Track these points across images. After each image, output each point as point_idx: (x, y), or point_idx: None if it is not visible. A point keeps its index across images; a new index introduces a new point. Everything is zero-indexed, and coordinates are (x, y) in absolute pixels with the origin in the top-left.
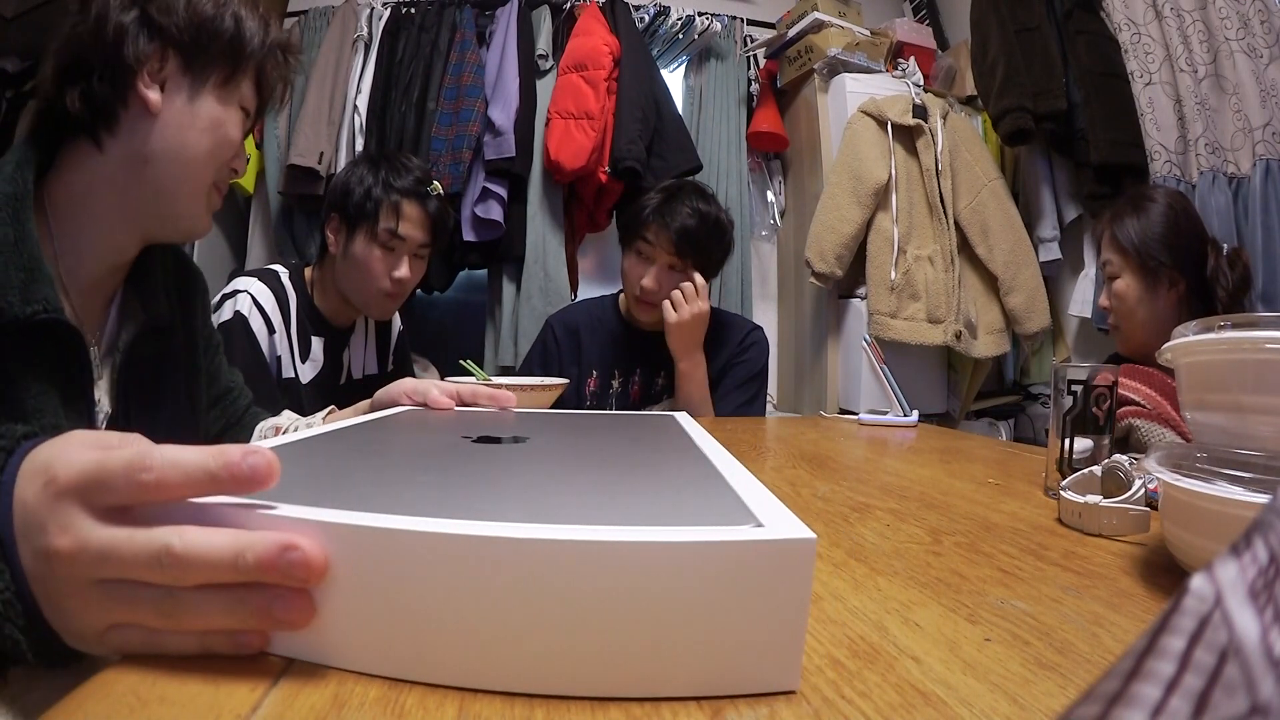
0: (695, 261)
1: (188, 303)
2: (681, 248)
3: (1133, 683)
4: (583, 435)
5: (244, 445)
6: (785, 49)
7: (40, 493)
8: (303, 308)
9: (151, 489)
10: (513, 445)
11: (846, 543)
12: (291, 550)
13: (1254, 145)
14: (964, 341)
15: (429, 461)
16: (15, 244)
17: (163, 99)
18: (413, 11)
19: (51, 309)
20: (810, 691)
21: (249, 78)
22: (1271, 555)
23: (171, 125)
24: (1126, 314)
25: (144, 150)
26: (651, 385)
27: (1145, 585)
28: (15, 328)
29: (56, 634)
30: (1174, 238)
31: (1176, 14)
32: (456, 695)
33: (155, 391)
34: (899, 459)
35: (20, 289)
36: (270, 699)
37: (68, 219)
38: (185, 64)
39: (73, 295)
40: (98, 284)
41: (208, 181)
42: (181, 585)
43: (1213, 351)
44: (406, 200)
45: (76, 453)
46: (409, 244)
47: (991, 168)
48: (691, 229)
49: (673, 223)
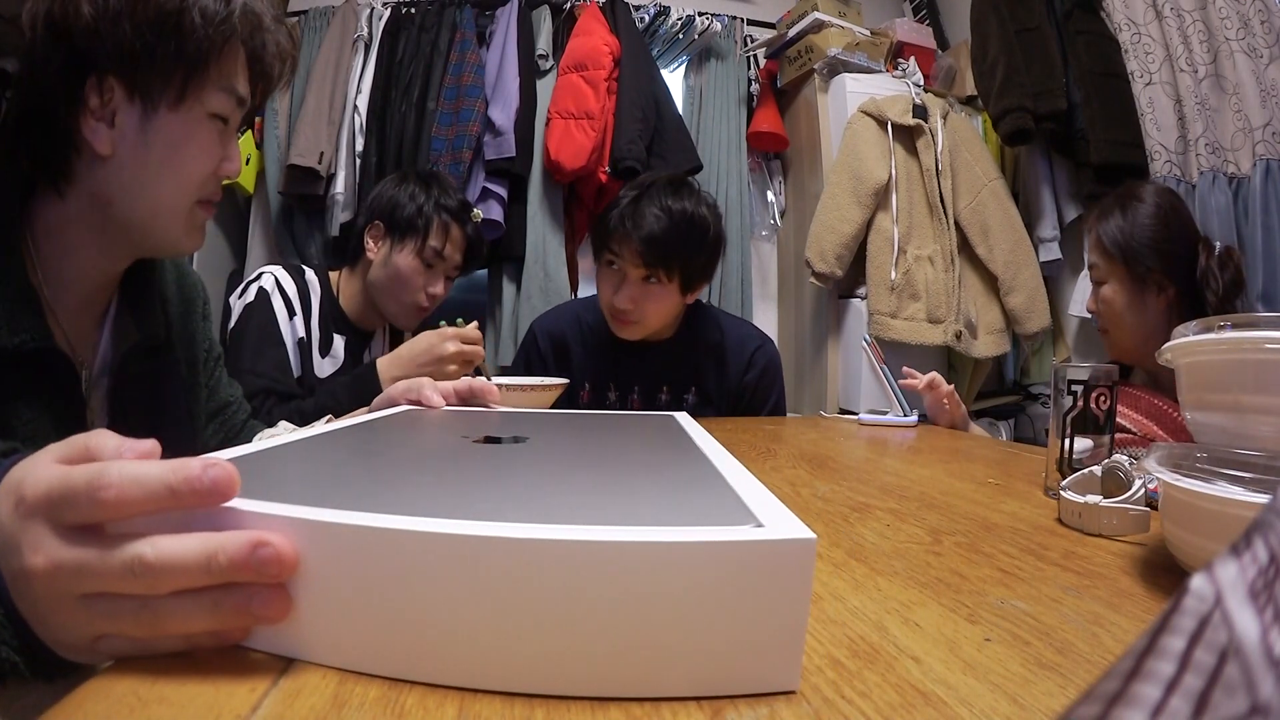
0: (670, 270)
1: (187, 315)
2: (651, 257)
3: (1133, 683)
4: (582, 435)
5: (205, 457)
6: (785, 49)
7: (12, 513)
8: (326, 304)
9: (112, 506)
10: (513, 445)
11: (846, 543)
12: (262, 547)
13: (1254, 145)
14: (964, 341)
15: (425, 461)
16: (1, 274)
17: (114, 134)
18: (413, 11)
19: (39, 338)
20: (810, 691)
21: (224, 68)
22: (1271, 555)
23: (127, 163)
24: (1113, 320)
25: (105, 193)
26: (654, 400)
27: (1145, 585)
28: (4, 358)
29: (48, 648)
30: (1163, 240)
31: (1176, 14)
32: (456, 695)
33: (153, 409)
34: (899, 459)
35: (7, 320)
36: (270, 699)
37: (46, 248)
38: (129, 88)
39: (61, 319)
40: (86, 303)
41: (183, 205)
42: (158, 593)
43: (1213, 351)
44: (455, 222)
45: (43, 469)
46: (448, 264)
47: (991, 168)
48: (659, 235)
49: (638, 231)
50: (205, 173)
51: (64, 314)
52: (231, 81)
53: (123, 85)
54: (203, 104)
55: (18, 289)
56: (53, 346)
